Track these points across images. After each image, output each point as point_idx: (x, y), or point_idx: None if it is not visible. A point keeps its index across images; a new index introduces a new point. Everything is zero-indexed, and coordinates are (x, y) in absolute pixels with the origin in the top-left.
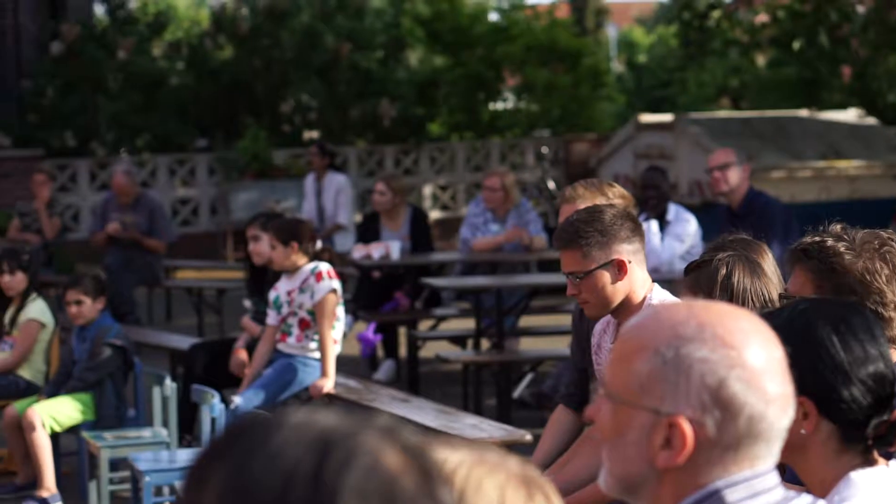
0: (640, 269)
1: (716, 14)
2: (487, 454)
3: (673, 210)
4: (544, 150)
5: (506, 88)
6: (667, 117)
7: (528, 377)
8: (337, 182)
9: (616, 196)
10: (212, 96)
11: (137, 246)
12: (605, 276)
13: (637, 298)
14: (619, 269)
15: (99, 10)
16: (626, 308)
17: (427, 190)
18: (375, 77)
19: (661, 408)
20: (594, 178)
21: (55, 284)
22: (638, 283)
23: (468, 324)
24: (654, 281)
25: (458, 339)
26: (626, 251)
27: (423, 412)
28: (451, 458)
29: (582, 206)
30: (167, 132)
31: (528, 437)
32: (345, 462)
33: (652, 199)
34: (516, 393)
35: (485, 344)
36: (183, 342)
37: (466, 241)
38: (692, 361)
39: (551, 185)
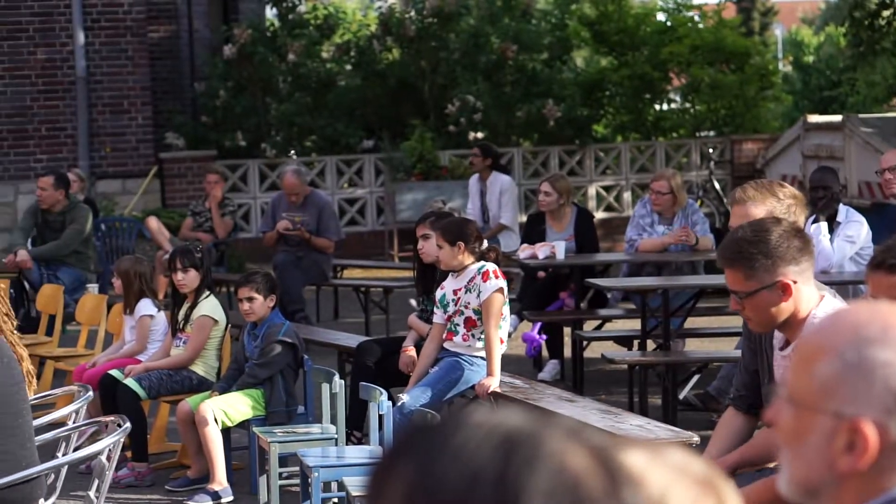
0: (806, 287)
1: (887, 13)
2: (671, 455)
3: (843, 211)
4: (710, 150)
5: (672, 89)
6: (836, 118)
7: (695, 378)
8: (501, 182)
9: (787, 196)
10: (379, 98)
11: (306, 245)
12: (769, 298)
13: (802, 314)
14: (784, 291)
15: (270, 13)
16: (790, 324)
17: (592, 190)
18: (541, 78)
19: (844, 411)
20: (762, 178)
21: (226, 282)
22: (804, 301)
23: (634, 324)
24: (824, 282)
25: (624, 340)
26: (791, 272)
27: (589, 412)
28: (635, 459)
29: (753, 207)
30: (335, 133)
31: (696, 438)
32: (530, 462)
33: (822, 199)
34: (682, 394)
35: (650, 345)
36: (351, 340)
37: (632, 241)
38: (876, 364)
39: (717, 185)
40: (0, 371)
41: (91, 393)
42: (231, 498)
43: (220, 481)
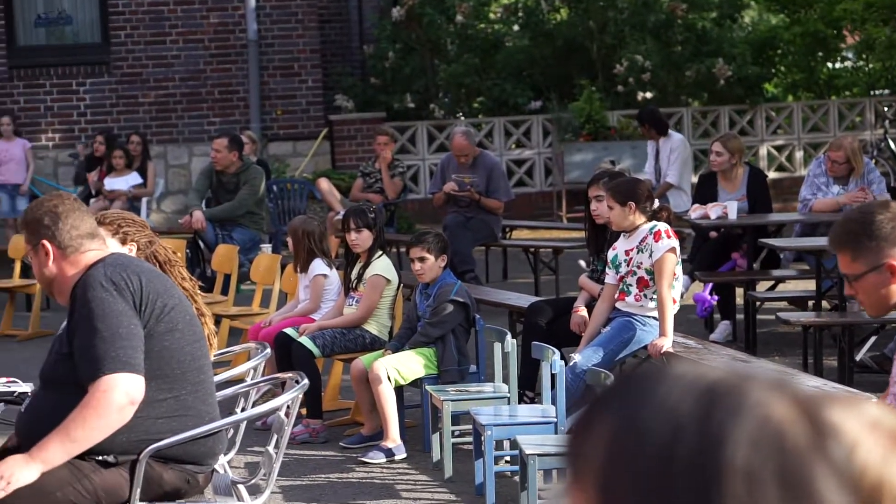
0: None
1: None
2: (867, 409)
3: None
4: (886, 109)
5: (845, 47)
6: None
7: (871, 340)
8: (672, 141)
9: None
10: (547, 58)
11: (476, 206)
12: (877, 280)
13: None
14: (892, 272)
15: None
16: None
17: (763, 150)
18: (711, 37)
19: None
20: None
21: (396, 243)
22: None
23: (807, 285)
24: None
25: (798, 301)
26: None
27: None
28: (835, 412)
29: None
30: (503, 94)
31: (875, 399)
32: (734, 412)
33: None
34: (858, 356)
35: (825, 305)
36: (521, 300)
37: (807, 201)
38: None
39: (893, 145)
40: (183, 327)
41: (269, 350)
42: (404, 455)
43: (394, 438)
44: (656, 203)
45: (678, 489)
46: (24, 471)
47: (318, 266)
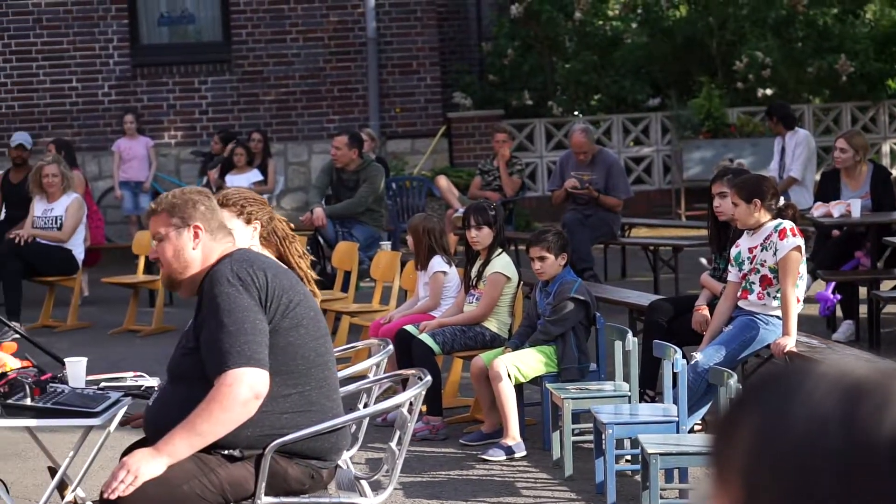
0: None
1: None
2: None
3: None
4: None
5: None
6: None
7: None
8: (797, 137)
9: None
10: (666, 55)
11: (594, 203)
12: None
13: None
14: None
15: None
16: None
17: (885, 147)
18: (832, 33)
19: None
20: None
21: (515, 240)
22: None
23: None
24: None
25: None
26: None
27: None
28: None
29: None
30: (621, 91)
31: None
32: (880, 409)
33: None
34: None
35: None
36: (641, 298)
37: None
38: None
39: None
40: (308, 323)
41: (391, 347)
42: (524, 453)
43: (514, 436)
44: (781, 200)
45: (825, 484)
46: (150, 464)
47: (438, 263)
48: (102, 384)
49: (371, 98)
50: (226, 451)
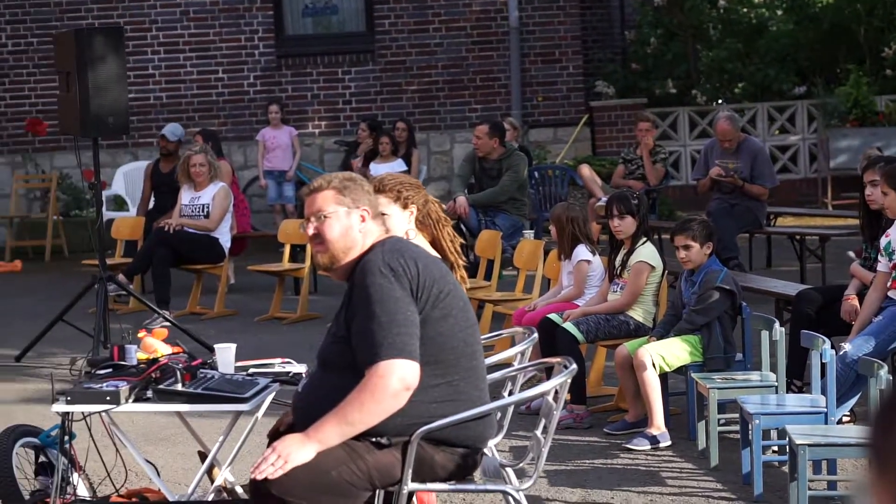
0: None
1: None
2: None
3: None
4: None
5: None
6: None
7: None
8: None
9: None
10: (812, 42)
11: (740, 192)
12: None
13: None
14: None
15: None
16: None
17: None
18: None
19: None
20: None
21: (659, 229)
22: None
23: None
24: None
25: None
26: None
27: None
28: None
29: None
30: (766, 79)
31: None
32: None
33: None
34: None
35: None
36: (788, 288)
37: None
38: None
39: None
40: (457, 313)
41: (535, 335)
42: (669, 443)
43: (659, 426)
44: None
45: None
46: (300, 450)
47: (582, 252)
48: (251, 370)
49: (513, 87)
50: (374, 438)
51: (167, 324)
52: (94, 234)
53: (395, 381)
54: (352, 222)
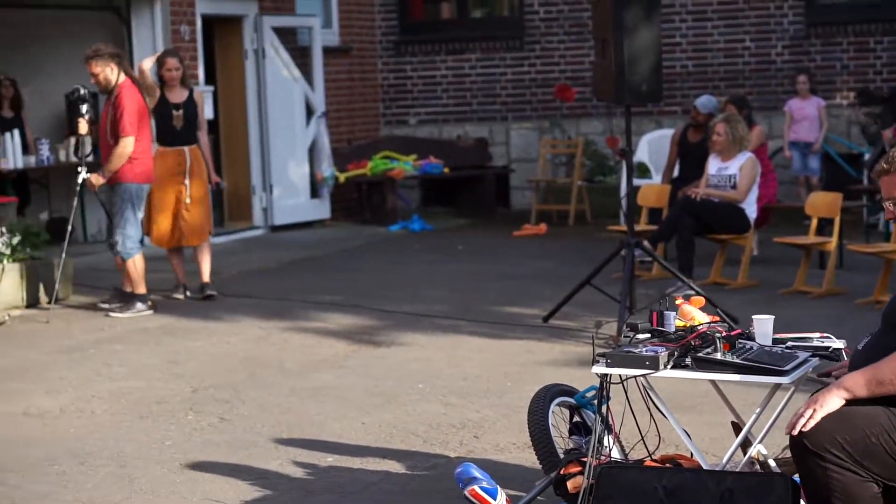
0: None
1: None
2: None
3: None
4: None
5: None
6: None
7: None
8: None
9: None
10: None
11: None
12: None
13: None
14: None
15: None
16: None
17: None
18: None
19: None
20: None
21: None
22: None
23: None
24: None
25: None
26: None
27: None
28: None
29: None
30: None
31: None
32: None
33: None
34: None
35: None
36: None
37: None
38: None
39: None
40: None
41: None
42: None
43: None
44: None
45: None
46: (830, 397)
47: None
48: (789, 343)
49: None
50: None
51: (691, 292)
52: (623, 200)
53: None
54: None
